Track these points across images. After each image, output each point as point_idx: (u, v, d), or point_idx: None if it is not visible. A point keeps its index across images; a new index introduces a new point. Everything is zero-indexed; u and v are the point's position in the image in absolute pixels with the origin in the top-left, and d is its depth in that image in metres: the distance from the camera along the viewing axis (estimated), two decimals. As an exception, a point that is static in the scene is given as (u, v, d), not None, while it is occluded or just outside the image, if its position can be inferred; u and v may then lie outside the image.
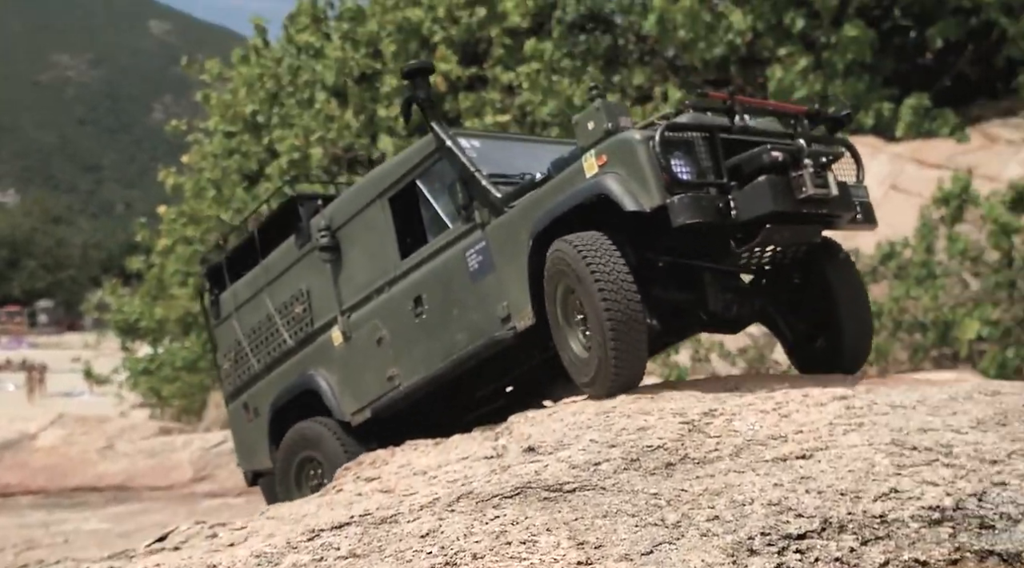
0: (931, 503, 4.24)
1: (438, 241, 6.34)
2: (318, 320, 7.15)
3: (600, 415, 5.14)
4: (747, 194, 5.25)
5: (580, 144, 5.59)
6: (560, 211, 5.51)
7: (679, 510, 4.23)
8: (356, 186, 7.08)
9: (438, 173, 6.36)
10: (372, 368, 6.74)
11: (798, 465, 4.52)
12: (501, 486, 4.51)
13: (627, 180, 5.25)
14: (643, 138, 5.29)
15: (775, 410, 5.05)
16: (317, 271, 7.12)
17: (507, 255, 5.89)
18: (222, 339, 8.16)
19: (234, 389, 8.00)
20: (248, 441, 7.92)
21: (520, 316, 5.84)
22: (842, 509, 4.20)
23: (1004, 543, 4.14)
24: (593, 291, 5.18)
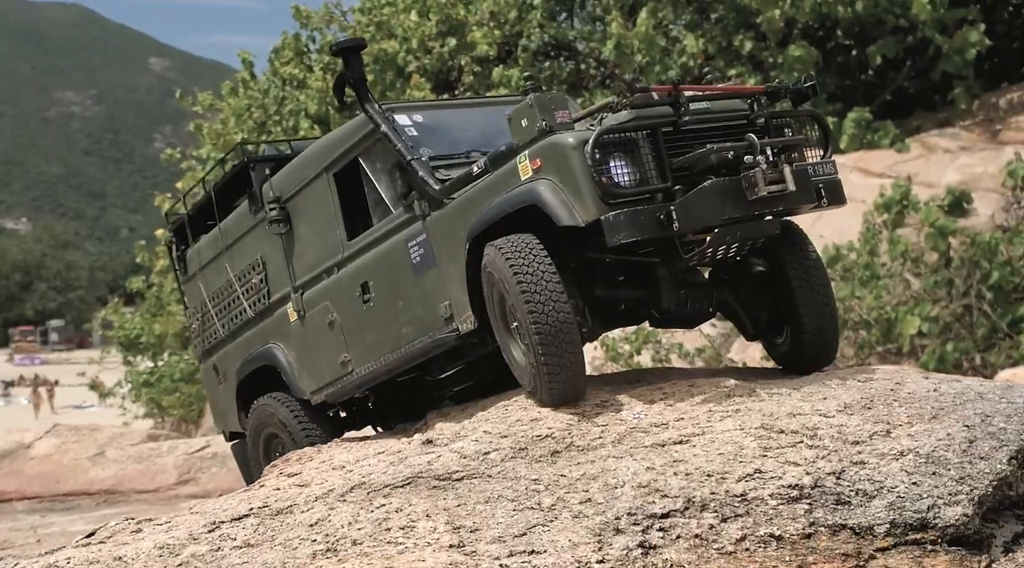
0: (791, 482, 4.24)
1: (382, 226, 5.75)
2: (275, 292, 6.57)
3: (500, 408, 5.14)
4: (691, 202, 4.64)
5: (515, 141, 4.99)
6: (493, 217, 4.98)
7: (555, 494, 4.23)
8: (302, 157, 6.31)
9: (379, 153, 5.70)
10: (326, 351, 6.20)
11: (674, 450, 4.52)
12: (394, 476, 4.51)
13: (560, 189, 4.70)
14: (577, 142, 4.69)
15: (662, 400, 5.05)
16: (270, 242, 6.49)
17: (447, 252, 5.34)
18: (191, 297, 7.48)
19: (203, 350, 7.41)
20: (220, 403, 7.34)
21: (462, 319, 5.31)
22: (706, 489, 4.20)
23: (857, 517, 4.14)
24: (519, 300, 4.71)
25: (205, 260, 7.13)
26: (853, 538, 4.06)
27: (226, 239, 6.87)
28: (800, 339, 5.37)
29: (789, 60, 17.49)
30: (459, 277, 5.24)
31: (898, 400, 4.82)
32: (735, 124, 5.00)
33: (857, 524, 4.10)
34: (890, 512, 4.14)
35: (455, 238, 5.23)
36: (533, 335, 4.72)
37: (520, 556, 3.83)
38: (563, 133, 4.80)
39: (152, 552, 4.21)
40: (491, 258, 4.89)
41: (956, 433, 4.51)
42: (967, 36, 17.00)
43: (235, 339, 6.97)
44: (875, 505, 4.17)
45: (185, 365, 20.97)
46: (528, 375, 4.94)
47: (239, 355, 6.92)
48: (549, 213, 4.72)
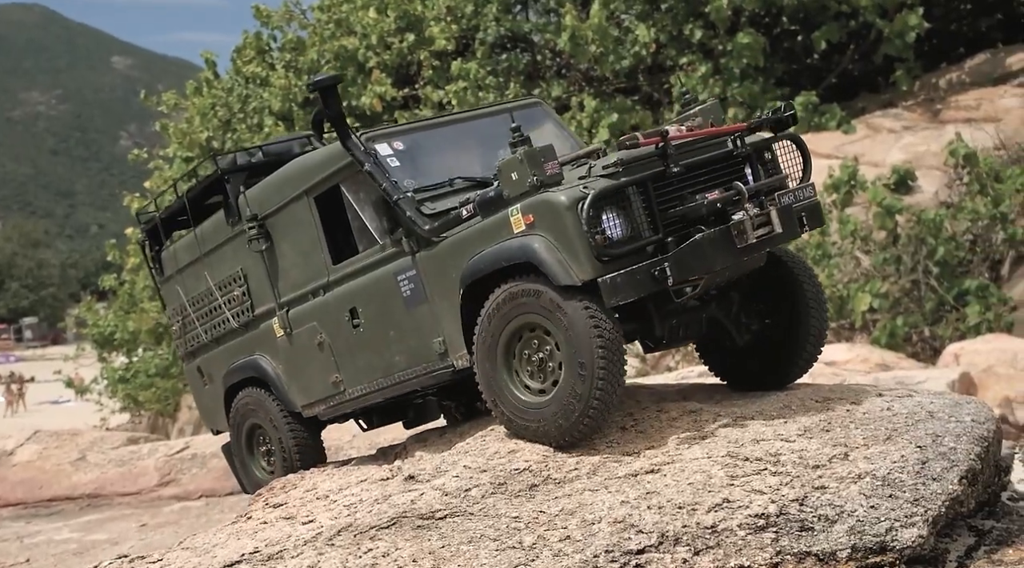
0: (757, 511, 4.35)
1: (368, 256, 5.64)
2: (258, 306, 6.40)
3: (478, 438, 5.20)
4: (683, 256, 4.67)
5: (505, 192, 4.89)
6: (487, 268, 4.94)
7: (536, 532, 4.31)
8: (281, 176, 6.06)
9: (362, 183, 5.56)
10: (316, 369, 6.08)
11: (646, 480, 4.60)
12: (379, 517, 4.56)
13: (555, 247, 4.67)
14: (570, 202, 4.63)
15: (633, 426, 5.13)
16: (251, 256, 6.32)
17: (438, 290, 5.27)
18: (169, 298, 7.22)
19: (186, 351, 7.22)
20: (206, 403, 7.19)
21: (458, 356, 5.25)
22: (678, 522, 4.29)
23: (821, 544, 4.26)
24: (587, 339, 4.63)
25: (182, 263, 6.93)
26: (818, 564, 4.18)
27: (203, 246, 6.68)
28: (797, 347, 5.48)
29: (738, 47, 17.56)
30: (452, 315, 5.20)
31: (854, 422, 4.94)
32: (718, 160, 5.07)
33: (821, 550, 4.22)
34: (851, 536, 4.26)
35: (446, 278, 5.19)
36: (598, 378, 4.65)
37: (505, 599, 3.91)
38: (555, 191, 4.74)
39: (149, 603, 4.25)
40: (535, 297, 4.78)
41: (909, 454, 4.64)
42: (906, 20, 17.17)
43: (219, 345, 6.85)
44: (836, 530, 4.29)
45: (160, 360, 20.82)
46: (544, 410, 4.84)
47: (224, 361, 6.80)
48: (545, 272, 4.69)
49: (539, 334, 4.84)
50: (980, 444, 4.76)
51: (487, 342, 4.96)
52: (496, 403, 5.01)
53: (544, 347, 4.84)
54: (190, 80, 21.68)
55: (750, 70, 17.79)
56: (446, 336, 5.30)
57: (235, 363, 6.67)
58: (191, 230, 6.78)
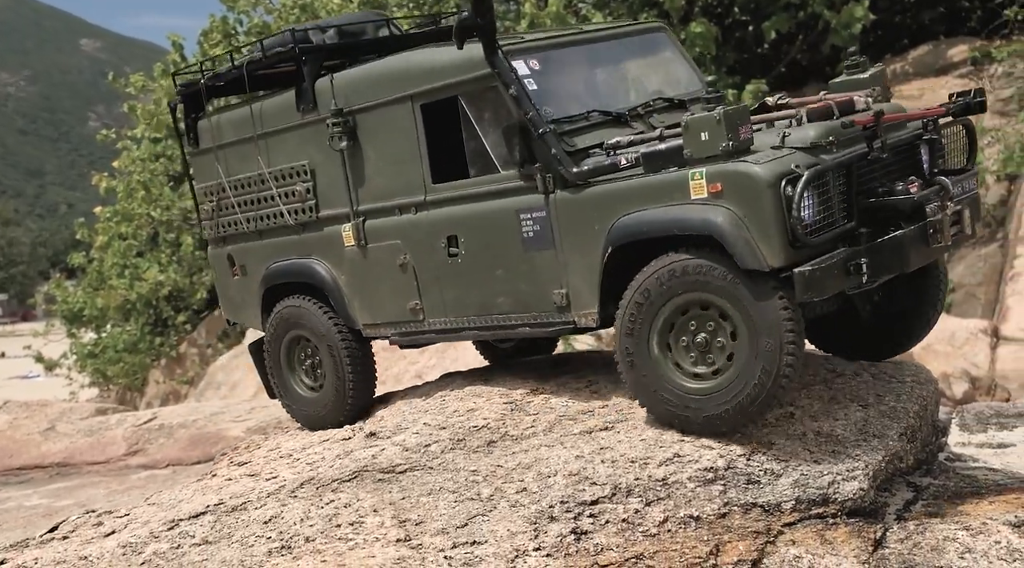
0: (707, 465, 4.36)
1: (483, 183, 4.93)
2: (324, 208, 5.59)
3: (438, 398, 5.17)
4: (881, 252, 4.18)
5: (687, 151, 4.23)
6: (652, 233, 4.34)
7: (493, 485, 4.29)
8: (380, 71, 5.25)
9: (489, 101, 4.82)
10: (391, 290, 5.38)
11: (600, 437, 4.60)
12: (341, 471, 4.53)
13: (743, 225, 4.06)
14: (772, 179, 4.02)
15: (587, 387, 5.13)
16: (324, 151, 5.49)
17: (573, 240, 4.64)
18: (202, 173, 6.23)
19: (216, 236, 6.30)
20: (232, 295, 6.35)
21: (583, 314, 4.71)
22: (631, 475, 4.30)
23: (766, 496, 4.28)
24: (775, 326, 4.12)
25: (227, 139, 5.96)
26: (763, 515, 4.20)
27: (260, 126, 5.74)
28: (919, 316, 5.15)
29: (691, 36, 17.57)
30: (585, 270, 4.63)
31: (802, 383, 4.96)
32: (906, 142, 4.60)
33: (766, 502, 4.24)
34: (795, 489, 4.29)
35: (587, 229, 4.57)
36: (783, 375, 4.16)
37: (463, 547, 3.89)
38: (752, 161, 4.11)
39: (116, 551, 4.19)
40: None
41: (852, 413, 4.67)
42: (853, 11, 17.27)
43: (262, 238, 5.99)
44: (782, 483, 4.32)
45: (128, 336, 20.56)
46: (707, 400, 4.35)
47: (267, 257, 5.97)
48: (731, 252, 4.09)
49: (711, 314, 4.27)
50: (919, 402, 4.80)
51: (640, 316, 4.37)
52: (641, 381, 4.45)
53: (708, 328, 4.29)
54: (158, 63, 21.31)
55: (703, 59, 17.82)
56: (571, 290, 4.71)
57: (283, 263, 5.86)
58: (244, 103, 5.87)
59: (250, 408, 12.43)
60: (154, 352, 20.51)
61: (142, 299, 20.33)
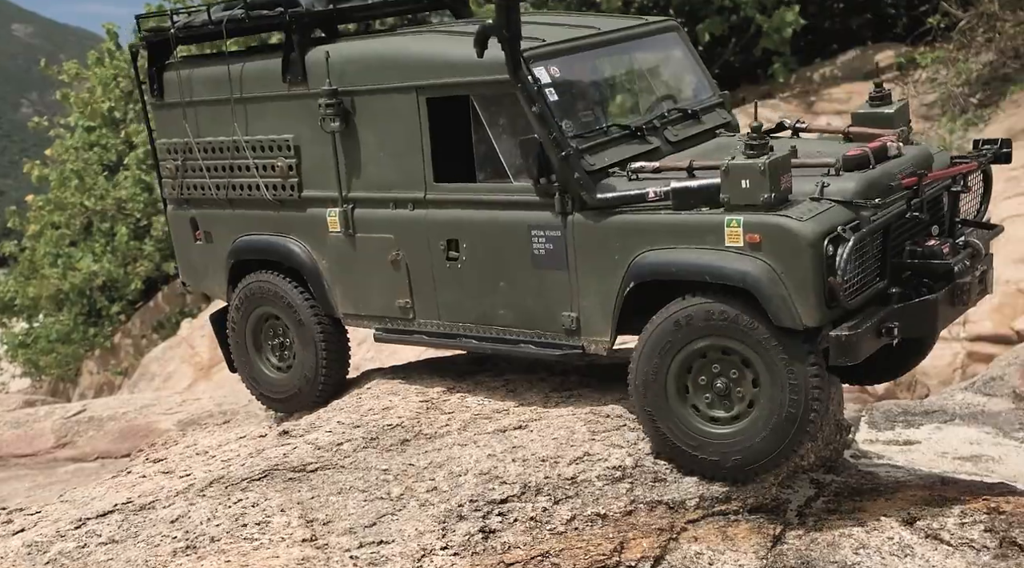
0: (615, 463, 4.40)
1: (492, 191, 4.68)
2: (308, 189, 5.24)
3: (354, 396, 5.14)
4: (912, 315, 4.05)
5: (726, 196, 4.03)
6: (681, 276, 4.14)
7: (404, 484, 4.28)
8: (383, 56, 4.92)
9: (506, 107, 4.56)
10: (379, 284, 5.10)
11: (514, 435, 4.61)
12: (251, 469, 4.48)
13: (779, 281, 3.90)
14: (815, 237, 3.85)
15: (503, 386, 5.13)
16: (312, 129, 5.13)
17: (589, 266, 4.44)
18: (165, 128, 5.77)
19: (179, 198, 5.84)
20: (193, 261, 5.96)
21: (594, 341, 4.52)
22: (541, 474, 4.31)
23: (672, 493, 4.33)
24: (802, 383, 4.01)
25: (199, 96, 5.54)
26: (668, 513, 4.25)
27: (239, 89, 5.34)
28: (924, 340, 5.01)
29: (628, 36, 17.69)
30: (601, 298, 4.43)
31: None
32: (936, 198, 4.42)
33: (671, 499, 4.29)
34: (699, 487, 4.34)
35: (605, 257, 4.36)
36: (806, 431, 4.07)
37: (369, 547, 3.88)
38: (795, 217, 3.92)
39: (21, 550, 4.11)
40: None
41: (758, 413, 4.73)
42: (784, 16, 17.53)
43: (233, 208, 5.61)
44: (687, 481, 4.37)
45: (61, 326, 20.15)
46: (726, 445, 4.20)
47: (237, 228, 5.62)
48: (767, 308, 3.92)
49: (733, 359, 4.12)
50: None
51: (658, 357, 4.21)
52: (657, 425, 4.29)
53: (731, 373, 4.13)
54: (92, 50, 20.88)
55: (639, 58, 17.96)
56: (583, 315, 4.50)
57: (256, 238, 5.53)
58: (220, 61, 5.42)
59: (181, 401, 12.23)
60: (87, 343, 20.12)
61: (75, 289, 19.94)
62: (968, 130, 15.84)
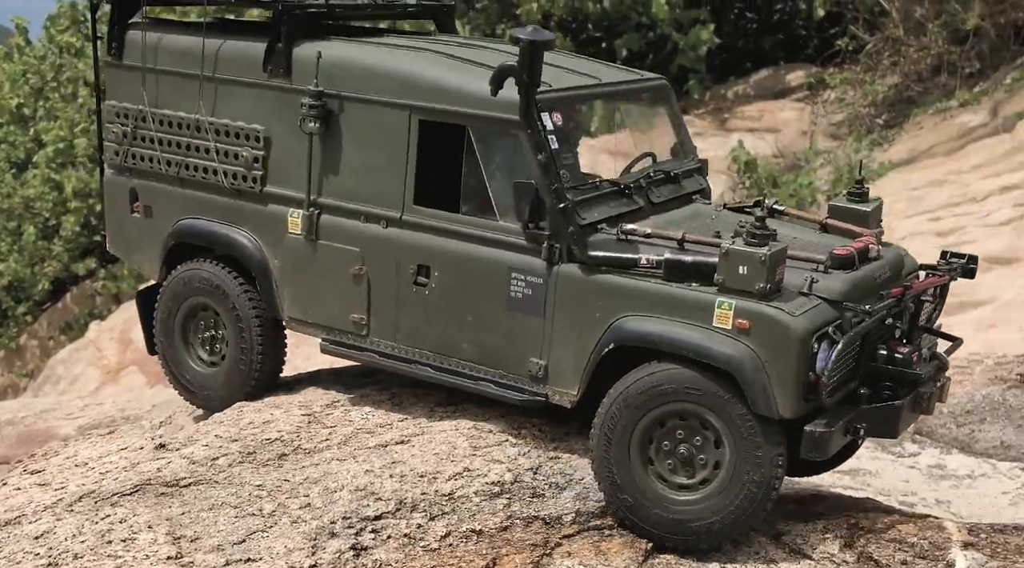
0: (495, 479, 4.39)
1: (475, 225, 4.58)
2: (272, 185, 5.04)
3: (235, 409, 5.04)
4: (877, 418, 4.12)
5: (720, 276, 4.05)
6: (664, 347, 4.12)
7: (277, 500, 4.22)
8: (380, 70, 4.78)
9: (503, 146, 4.52)
10: (335, 295, 4.92)
11: (395, 451, 4.58)
12: (123, 484, 4.37)
13: (763, 370, 3.93)
14: (803, 333, 3.91)
15: (389, 399, 5.09)
16: (286, 125, 4.95)
17: (568, 320, 4.37)
18: (117, 87, 5.46)
19: (120, 164, 5.53)
20: (127, 233, 5.64)
21: (560, 392, 4.44)
22: (418, 490, 4.29)
23: (549, 508, 4.35)
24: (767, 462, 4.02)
25: (163, 65, 5.27)
26: (544, 528, 4.26)
27: (212, 66, 5.12)
28: None
29: (546, 49, 17.78)
30: (574, 351, 4.37)
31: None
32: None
33: (548, 515, 4.30)
34: (576, 502, 4.37)
35: (587, 312, 4.31)
36: (768, 499, 4.06)
37: (236, 565, 3.81)
38: (786, 310, 3.97)
39: None
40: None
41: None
42: (699, 34, 17.81)
43: (182, 187, 5.34)
44: (564, 496, 4.39)
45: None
46: (694, 511, 4.13)
47: (183, 208, 5.35)
48: (747, 393, 3.95)
49: (693, 425, 4.11)
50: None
51: (621, 422, 4.15)
52: (625, 497, 4.19)
53: (694, 440, 4.11)
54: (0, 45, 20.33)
55: (557, 71, 18.07)
56: (552, 364, 4.43)
57: (203, 223, 5.28)
58: (194, 31, 5.22)
59: (83, 405, 11.90)
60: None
61: (-20, 289, 19.33)
62: (873, 150, 16.29)
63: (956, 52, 16.77)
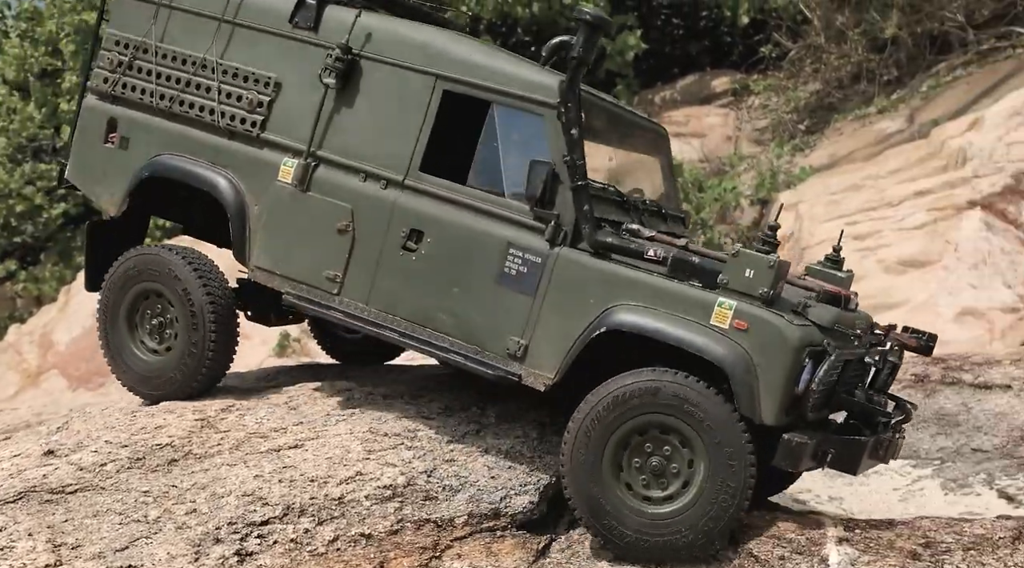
0: (387, 483, 4.40)
1: (478, 197, 4.61)
2: (271, 132, 5.03)
3: (128, 413, 4.97)
4: (843, 450, 4.20)
5: (723, 278, 4.17)
6: (657, 337, 4.18)
7: (163, 506, 4.17)
8: (412, 38, 4.84)
9: (527, 124, 4.56)
10: (313, 249, 4.88)
11: (287, 455, 4.55)
12: (7, 491, 4.28)
13: (753, 373, 4.03)
14: (799, 344, 4.04)
15: (285, 403, 5.07)
16: (302, 75, 4.96)
17: (559, 302, 4.39)
18: (122, 16, 5.42)
19: (107, 93, 5.41)
20: (93, 162, 5.45)
21: (535, 374, 4.41)
22: (307, 495, 4.28)
23: (441, 511, 4.36)
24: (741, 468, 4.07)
25: (182, 4, 5.28)
26: (435, 531, 4.27)
27: (233, 11, 5.15)
28: None
29: (475, 52, 17.83)
30: (560, 334, 4.37)
31: (491, 404, 5.08)
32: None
33: (439, 517, 4.32)
34: (469, 504, 4.40)
35: (582, 297, 4.35)
36: (741, 507, 4.09)
37: (117, 571, 3.76)
38: (788, 320, 4.10)
39: None
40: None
41: (531, 431, 4.83)
42: (627, 40, 17.97)
43: (170, 121, 5.27)
44: (458, 499, 4.41)
45: None
46: (671, 526, 4.13)
47: (165, 142, 5.25)
48: (733, 390, 4.04)
49: (670, 438, 4.13)
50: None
51: (598, 430, 4.15)
52: (598, 515, 4.17)
53: (665, 451, 4.14)
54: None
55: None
56: (533, 346, 4.41)
57: (182, 161, 5.17)
58: None
59: (-3, 412, 11.59)
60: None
61: None
62: (795, 155, 16.61)
63: (875, 60, 17.19)
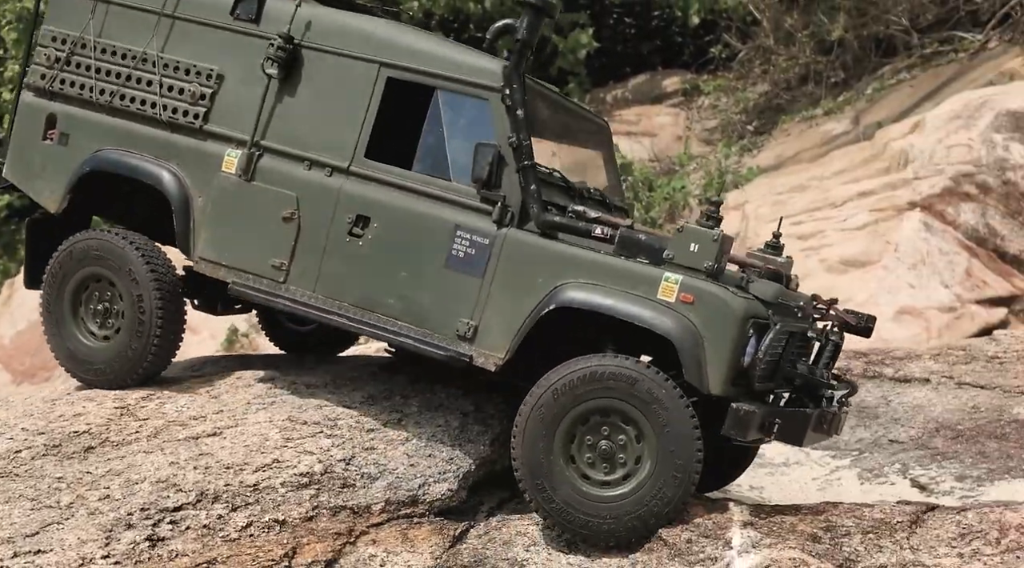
0: (303, 470, 4.43)
1: (426, 183, 4.66)
2: (214, 123, 5.04)
3: (48, 402, 4.96)
4: (790, 421, 4.26)
5: (669, 253, 4.29)
6: (605, 311, 4.26)
7: (76, 492, 4.18)
8: (354, 28, 4.89)
9: (472, 108, 4.63)
10: (258, 238, 4.89)
11: (204, 443, 4.57)
12: (-84, 481, 4.26)
13: (700, 345, 4.13)
14: (745, 315, 4.14)
15: (207, 392, 5.08)
16: (243, 67, 4.99)
17: (508, 282, 4.46)
18: (58, 12, 5.38)
19: (44, 89, 5.36)
20: (31, 158, 5.42)
21: (486, 354, 4.45)
22: (221, 481, 4.30)
23: (358, 498, 4.41)
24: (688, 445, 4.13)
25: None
26: (350, 517, 4.32)
27: (172, 5, 5.15)
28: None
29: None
30: (509, 314, 4.43)
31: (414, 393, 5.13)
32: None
33: (356, 504, 4.36)
34: (387, 492, 4.44)
35: (529, 278, 4.41)
36: (690, 483, 4.14)
37: (25, 556, 3.78)
38: (732, 292, 4.22)
39: None
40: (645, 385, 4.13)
41: (452, 420, 4.89)
42: (578, 38, 18.09)
43: (110, 115, 5.25)
44: (376, 486, 4.46)
45: None
46: (614, 508, 4.17)
47: (106, 138, 5.23)
48: (682, 362, 4.14)
49: (613, 420, 4.18)
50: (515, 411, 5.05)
51: (549, 413, 4.19)
52: (544, 491, 4.20)
53: (616, 436, 4.19)
54: None
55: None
56: (483, 326, 4.47)
57: (125, 155, 5.15)
58: None
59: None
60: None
61: None
62: (743, 155, 16.82)
63: (822, 62, 17.46)
